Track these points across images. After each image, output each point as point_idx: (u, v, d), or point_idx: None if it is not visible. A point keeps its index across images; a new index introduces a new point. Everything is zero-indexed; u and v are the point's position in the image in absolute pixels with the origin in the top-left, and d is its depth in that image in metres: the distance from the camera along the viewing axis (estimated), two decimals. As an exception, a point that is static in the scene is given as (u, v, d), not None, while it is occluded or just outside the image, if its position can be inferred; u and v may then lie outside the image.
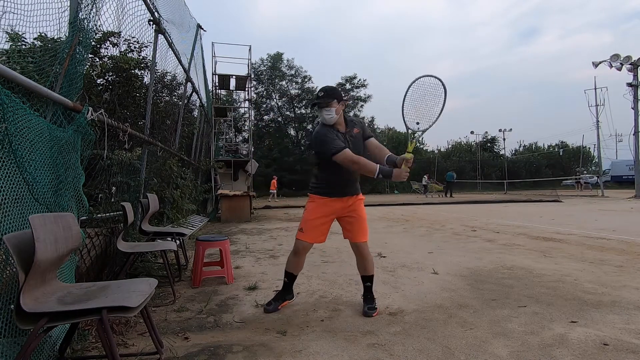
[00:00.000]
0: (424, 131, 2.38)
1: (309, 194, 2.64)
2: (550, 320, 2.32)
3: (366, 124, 2.65)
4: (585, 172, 31.60)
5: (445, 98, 2.31)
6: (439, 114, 2.32)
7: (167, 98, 7.08)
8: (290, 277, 2.69)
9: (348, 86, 35.07)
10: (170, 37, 5.16)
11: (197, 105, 9.61)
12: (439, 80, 2.34)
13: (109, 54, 4.63)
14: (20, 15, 1.79)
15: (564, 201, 15.61)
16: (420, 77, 2.37)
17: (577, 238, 5.58)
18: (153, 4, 4.28)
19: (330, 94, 2.43)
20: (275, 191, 19.64)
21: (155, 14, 4.40)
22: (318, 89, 2.52)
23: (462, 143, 43.81)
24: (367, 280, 2.65)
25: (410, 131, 2.39)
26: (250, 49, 12.79)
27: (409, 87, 2.39)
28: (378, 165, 2.30)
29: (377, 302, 2.69)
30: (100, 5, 2.53)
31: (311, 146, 2.95)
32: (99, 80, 4.59)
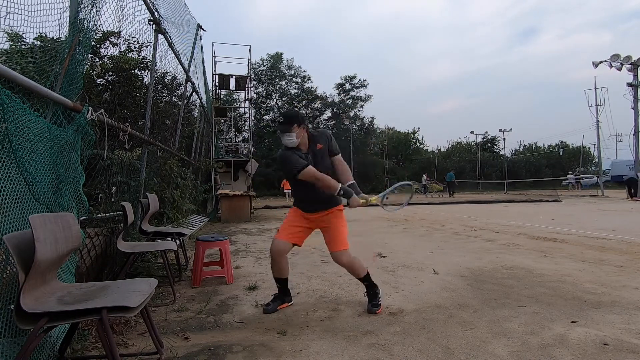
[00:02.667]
0: (384, 204, 2.92)
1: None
2: (550, 320, 2.32)
3: (333, 139, 2.66)
4: (572, 173, 31.53)
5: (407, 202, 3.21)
6: (400, 207, 3.19)
7: (167, 98, 7.08)
8: (280, 282, 2.71)
9: (348, 86, 35.08)
10: (170, 37, 5.16)
11: (197, 105, 9.61)
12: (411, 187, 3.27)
13: (109, 54, 4.63)
14: (20, 15, 1.78)
15: (564, 201, 15.61)
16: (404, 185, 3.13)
17: (577, 238, 5.58)
18: (153, 4, 4.28)
19: (290, 119, 2.50)
20: (289, 191, 19.44)
21: (155, 14, 4.40)
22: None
23: (462, 143, 43.87)
24: (363, 280, 2.67)
25: (385, 195, 2.89)
26: (250, 49, 12.81)
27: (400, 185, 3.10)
28: (340, 184, 2.48)
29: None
30: (100, 5, 2.53)
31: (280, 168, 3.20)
32: (99, 80, 4.59)
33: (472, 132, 41.28)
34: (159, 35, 4.66)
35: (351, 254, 2.61)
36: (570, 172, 32.07)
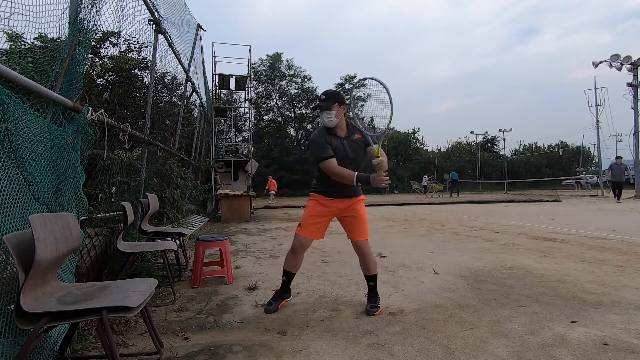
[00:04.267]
0: (383, 132, 2.46)
1: (310, 192, 2.68)
2: (550, 320, 2.32)
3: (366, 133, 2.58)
4: (584, 172, 31.55)
5: (388, 94, 2.40)
6: (391, 111, 2.40)
7: (167, 98, 7.09)
8: (288, 276, 2.70)
9: (348, 86, 35.06)
10: (170, 37, 5.16)
11: (197, 105, 9.61)
12: (374, 79, 2.46)
13: (109, 54, 4.63)
14: (20, 15, 1.79)
15: (564, 201, 15.61)
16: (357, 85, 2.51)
17: (577, 238, 5.58)
18: (153, 4, 4.28)
19: (332, 97, 2.48)
20: (274, 192, 18.92)
21: (155, 14, 4.40)
22: (320, 92, 2.59)
23: (462, 143, 43.86)
24: (370, 279, 2.65)
25: (373, 138, 2.48)
26: (250, 49, 12.80)
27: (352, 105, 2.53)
28: (356, 173, 2.36)
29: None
30: (100, 5, 2.53)
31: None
32: (99, 80, 4.59)
33: (472, 132, 41.37)
34: (159, 35, 4.66)
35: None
36: (584, 171, 31.96)
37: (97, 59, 4.48)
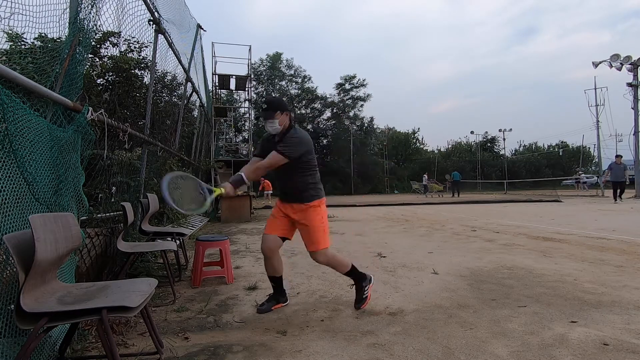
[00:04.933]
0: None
1: None
2: (550, 320, 2.32)
3: (291, 138, 2.49)
4: (582, 172, 31.53)
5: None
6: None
7: (167, 98, 7.09)
8: (274, 281, 2.68)
9: (348, 86, 35.07)
10: (170, 37, 5.16)
11: (197, 105, 9.61)
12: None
13: (109, 54, 4.63)
14: (20, 15, 1.79)
15: (564, 201, 15.61)
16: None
17: (577, 238, 5.58)
18: (153, 4, 4.28)
19: (273, 106, 2.49)
20: (271, 192, 18.69)
21: (155, 14, 4.39)
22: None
23: (462, 143, 43.90)
24: (348, 275, 2.68)
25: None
26: (250, 49, 12.81)
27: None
28: (242, 171, 2.49)
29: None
30: (100, 5, 2.53)
31: None
32: (99, 80, 4.59)
33: (472, 132, 41.37)
34: (159, 35, 4.66)
35: (329, 252, 2.56)
36: (581, 172, 31.94)
37: (97, 59, 4.49)
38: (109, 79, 4.76)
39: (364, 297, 2.62)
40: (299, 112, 33.88)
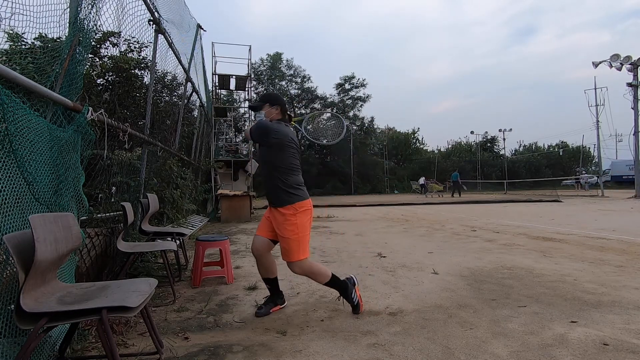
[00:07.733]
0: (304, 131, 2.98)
1: None
2: (550, 320, 2.32)
3: (262, 124, 2.52)
4: (584, 172, 31.55)
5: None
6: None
7: (167, 98, 7.08)
8: (268, 282, 2.65)
9: (347, 86, 35.06)
10: (170, 37, 5.15)
11: (197, 105, 9.61)
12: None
13: (109, 54, 4.63)
14: (21, 15, 1.79)
15: (564, 201, 15.61)
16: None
17: (577, 238, 5.58)
18: (153, 4, 4.27)
19: (263, 98, 2.65)
20: None
21: (155, 14, 4.39)
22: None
23: (462, 143, 43.88)
24: (329, 286, 2.58)
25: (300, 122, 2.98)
26: (250, 49, 12.79)
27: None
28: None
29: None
30: (100, 5, 2.53)
31: None
32: (99, 80, 4.59)
33: (472, 132, 41.36)
34: (159, 35, 4.66)
35: (305, 263, 2.44)
36: (583, 171, 31.92)
37: (97, 59, 4.48)
38: (109, 79, 4.76)
39: (356, 303, 2.52)
40: (298, 111, 33.86)
